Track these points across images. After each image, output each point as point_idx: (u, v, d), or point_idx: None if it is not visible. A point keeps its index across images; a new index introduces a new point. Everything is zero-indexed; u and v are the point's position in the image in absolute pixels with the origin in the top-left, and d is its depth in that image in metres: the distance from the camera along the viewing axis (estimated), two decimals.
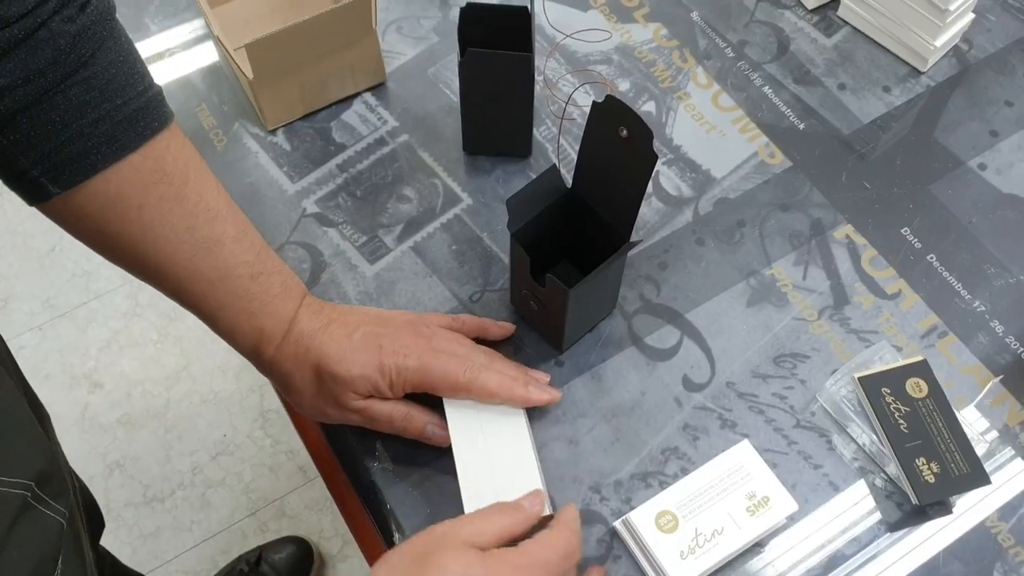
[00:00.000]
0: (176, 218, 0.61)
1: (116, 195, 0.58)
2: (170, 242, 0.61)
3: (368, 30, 0.82)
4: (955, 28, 0.88)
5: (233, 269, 0.64)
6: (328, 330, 0.66)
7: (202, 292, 0.64)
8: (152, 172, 0.59)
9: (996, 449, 0.71)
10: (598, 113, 0.64)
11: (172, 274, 0.63)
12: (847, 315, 0.76)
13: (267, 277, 0.65)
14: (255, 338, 0.66)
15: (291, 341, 0.66)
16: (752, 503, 0.65)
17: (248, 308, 0.65)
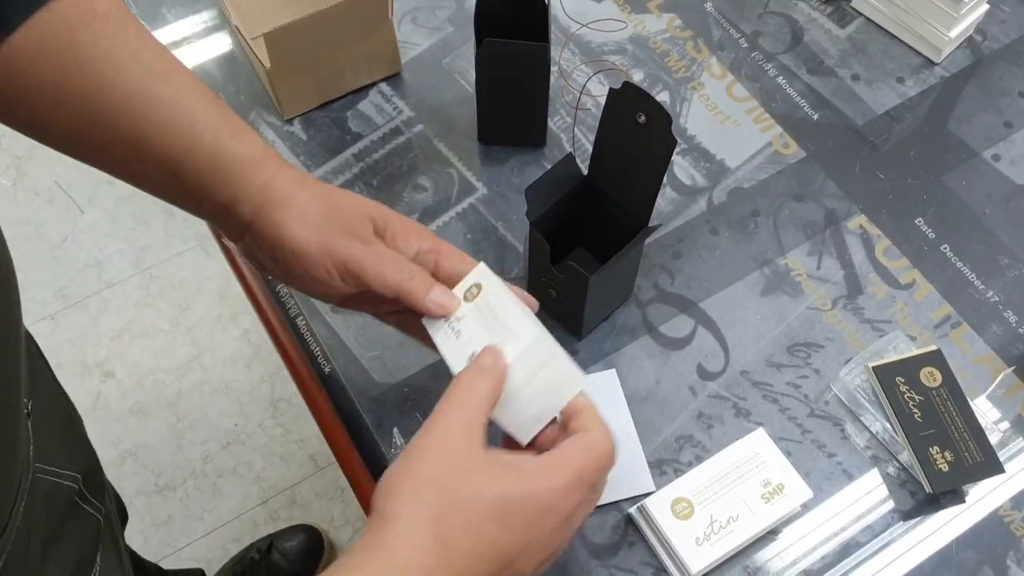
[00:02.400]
0: (120, 49, 0.55)
1: (47, 40, 0.53)
2: (118, 73, 0.55)
3: (384, 20, 0.82)
4: (969, 19, 0.88)
5: (198, 95, 0.57)
6: (312, 180, 0.60)
7: (166, 120, 0.56)
8: (85, 12, 0.54)
9: (1009, 438, 0.71)
10: (615, 100, 0.64)
11: (129, 109, 0.55)
12: (861, 305, 0.76)
13: (228, 108, 0.59)
14: (247, 163, 0.58)
15: (287, 169, 0.59)
16: (767, 491, 0.65)
17: (226, 131, 0.58)
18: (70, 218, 1.91)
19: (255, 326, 1.76)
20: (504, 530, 0.48)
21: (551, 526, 0.49)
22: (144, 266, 1.85)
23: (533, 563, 0.50)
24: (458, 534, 0.47)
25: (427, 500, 0.47)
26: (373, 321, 0.75)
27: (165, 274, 1.84)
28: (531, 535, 0.48)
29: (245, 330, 1.78)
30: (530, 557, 0.49)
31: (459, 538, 0.47)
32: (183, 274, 1.85)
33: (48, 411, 0.67)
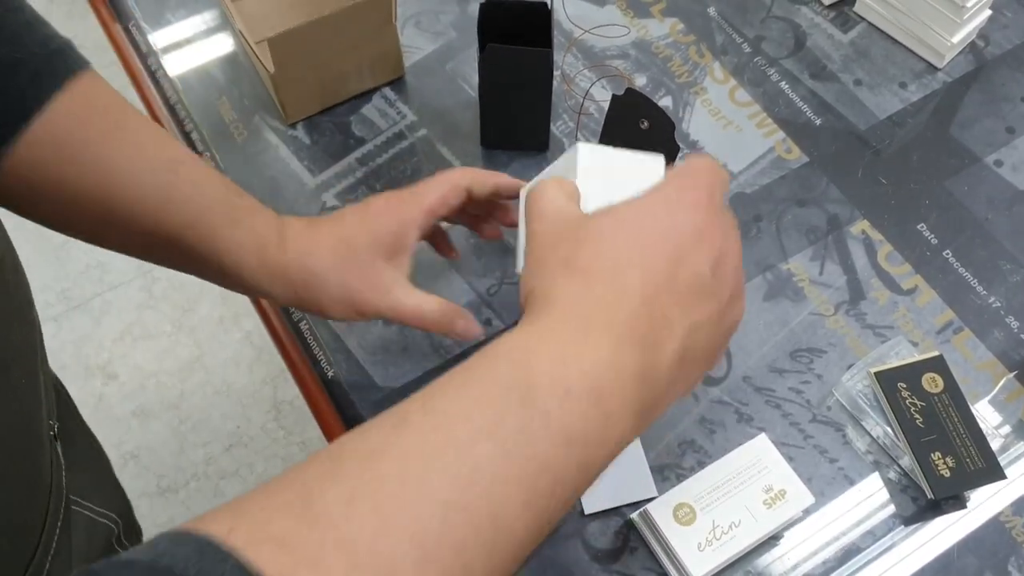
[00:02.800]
0: (128, 147, 0.58)
1: (61, 137, 0.56)
2: (130, 172, 0.58)
3: (387, 25, 0.82)
4: (972, 24, 0.88)
5: (205, 182, 0.61)
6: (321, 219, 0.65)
7: (182, 217, 0.59)
8: (86, 108, 0.57)
9: (1011, 444, 0.71)
10: (619, 105, 0.64)
11: (143, 209, 0.59)
12: (863, 310, 0.76)
13: (237, 187, 0.63)
14: (258, 246, 0.62)
15: (293, 236, 0.63)
16: (769, 496, 0.66)
17: (235, 218, 0.61)
18: None
19: (257, 328, 1.76)
20: (639, 236, 0.44)
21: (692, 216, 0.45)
22: (146, 268, 1.86)
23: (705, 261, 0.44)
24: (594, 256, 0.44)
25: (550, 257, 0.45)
26: (376, 325, 0.76)
27: (167, 276, 1.85)
28: (675, 233, 0.44)
29: (247, 332, 1.78)
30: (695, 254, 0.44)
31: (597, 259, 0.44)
32: (184, 277, 1.85)
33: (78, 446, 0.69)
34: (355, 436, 0.39)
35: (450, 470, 0.36)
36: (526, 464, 0.38)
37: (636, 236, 0.44)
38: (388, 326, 0.76)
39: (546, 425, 0.38)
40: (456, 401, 0.39)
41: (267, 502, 0.35)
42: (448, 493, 0.36)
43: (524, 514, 0.38)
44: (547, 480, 0.38)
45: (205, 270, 0.62)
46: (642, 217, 0.45)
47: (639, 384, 0.42)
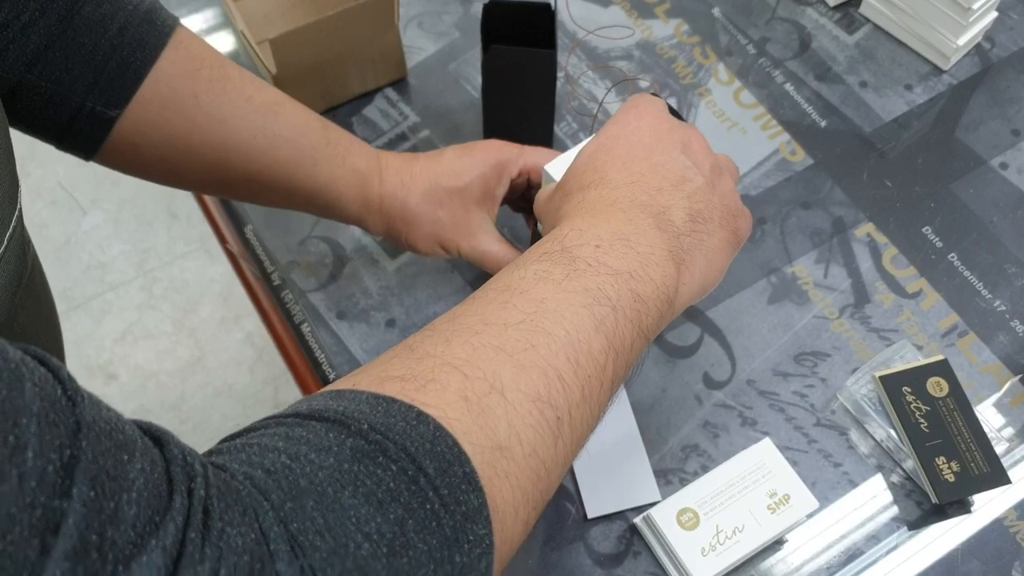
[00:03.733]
0: (232, 93, 0.61)
1: (170, 92, 0.59)
2: (238, 118, 0.62)
3: (390, 25, 0.82)
4: (978, 27, 0.87)
5: (304, 124, 0.64)
6: (421, 155, 0.68)
7: (288, 157, 0.64)
8: (189, 61, 0.60)
9: (1015, 448, 0.71)
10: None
11: (254, 152, 0.63)
12: (868, 313, 0.76)
13: (335, 125, 0.67)
14: (358, 182, 0.66)
15: (397, 164, 0.67)
16: (773, 501, 0.65)
17: (336, 153, 0.65)
18: (73, 220, 1.91)
19: (258, 329, 1.76)
20: (629, 145, 0.54)
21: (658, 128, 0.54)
22: (147, 268, 1.85)
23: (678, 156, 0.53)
24: (602, 172, 0.53)
25: (563, 193, 0.54)
26: (378, 328, 0.76)
27: (168, 276, 1.84)
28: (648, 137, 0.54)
29: (248, 333, 1.78)
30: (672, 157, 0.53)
31: (607, 170, 0.53)
32: (186, 276, 1.85)
33: None
34: (432, 321, 0.46)
35: (519, 305, 0.44)
36: (585, 294, 0.45)
37: (612, 149, 0.54)
38: (391, 329, 0.76)
39: (588, 266, 0.46)
40: (511, 271, 0.47)
41: (377, 363, 0.42)
42: (522, 316, 0.43)
43: (596, 336, 0.44)
44: (607, 308, 0.45)
45: (307, 205, 0.67)
46: (612, 136, 0.54)
47: (659, 232, 0.49)
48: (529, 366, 0.41)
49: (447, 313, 0.45)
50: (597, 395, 0.44)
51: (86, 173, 1.97)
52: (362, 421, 0.36)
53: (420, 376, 0.39)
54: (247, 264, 0.81)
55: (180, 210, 1.91)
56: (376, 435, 0.35)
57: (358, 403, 0.37)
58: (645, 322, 0.47)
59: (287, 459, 0.34)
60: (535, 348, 0.42)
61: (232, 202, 0.83)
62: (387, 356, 0.43)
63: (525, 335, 0.42)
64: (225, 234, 0.83)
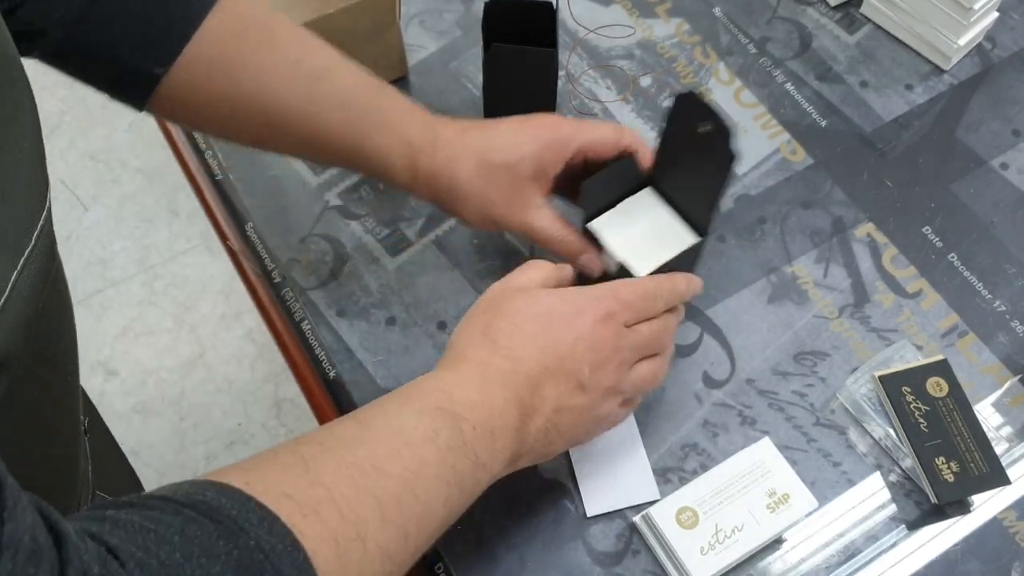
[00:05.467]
0: (279, 57, 0.61)
1: (216, 53, 0.59)
2: (285, 81, 0.61)
3: (391, 23, 0.82)
4: (979, 27, 0.87)
5: (355, 88, 0.64)
6: (476, 126, 0.67)
7: (338, 122, 0.63)
8: (237, 22, 0.60)
9: (1015, 448, 0.71)
10: (680, 107, 0.63)
11: (301, 116, 0.62)
12: (868, 313, 0.76)
13: (389, 90, 0.66)
14: (408, 153, 0.65)
15: (449, 135, 0.66)
16: (772, 500, 0.65)
17: (385, 121, 0.64)
18: (74, 216, 1.91)
19: (259, 325, 1.76)
20: (544, 328, 0.57)
21: (589, 327, 0.57)
22: (148, 264, 1.86)
23: (587, 363, 0.57)
24: (506, 333, 0.56)
25: (478, 320, 0.58)
26: (378, 326, 0.76)
27: (169, 272, 1.85)
28: (571, 333, 0.57)
29: (249, 329, 1.78)
30: (580, 355, 0.57)
31: (507, 336, 0.56)
32: (187, 272, 1.85)
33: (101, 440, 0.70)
34: (337, 426, 0.50)
35: (405, 458, 0.48)
36: (452, 472, 0.50)
37: (540, 326, 0.57)
38: (391, 327, 0.76)
39: (464, 445, 0.51)
40: (403, 415, 0.51)
41: (272, 466, 0.45)
42: (402, 470, 0.48)
43: (442, 510, 0.50)
44: (457, 490, 0.51)
45: (358, 169, 0.69)
46: (552, 312, 0.57)
47: (515, 436, 0.54)
48: (391, 521, 0.46)
49: (353, 424, 0.50)
50: (421, 550, 0.50)
51: (87, 170, 1.97)
52: (250, 534, 0.39)
53: (307, 503, 0.43)
54: (248, 261, 0.81)
55: (181, 207, 1.92)
56: (260, 555, 0.39)
57: (247, 511, 0.40)
58: (460, 504, 0.52)
59: (180, 557, 0.37)
60: (401, 505, 0.47)
61: (232, 200, 0.83)
62: (284, 460, 0.46)
63: (399, 490, 0.47)
64: (226, 231, 0.83)
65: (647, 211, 0.69)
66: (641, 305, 0.60)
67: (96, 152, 1.99)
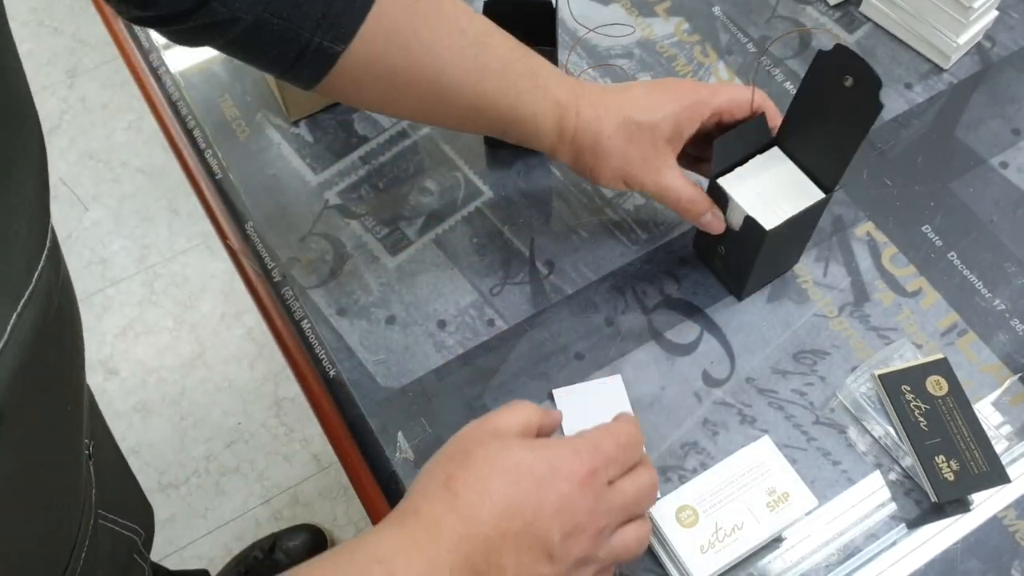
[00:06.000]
0: (447, 26, 0.63)
1: (391, 28, 0.61)
2: (453, 51, 0.63)
3: None
4: (978, 25, 0.87)
5: (510, 54, 0.65)
6: (615, 88, 0.68)
7: (496, 88, 0.65)
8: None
9: (1015, 447, 0.71)
10: (823, 63, 0.64)
11: (466, 85, 0.64)
12: (867, 312, 0.76)
13: (535, 54, 0.67)
14: (556, 113, 0.67)
15: (587, 104, 0.67)
16: (772, 498, 0.65)
17: (538, 85, 0.66)
18: (74, 215, 1.91)
19: (259, 324, 1.76)
20: (511, 486, 0.50)
21: (564, 489, 0.50)
22: (148, 264, 1.86)
23: (558, 529, 0.50)
24: (468, 487, 0.50)
25: (443, 467, 0.52)
26: (378, 325, 0.76)
27: (169, 272, 1.85)
28: (541, 494, 0.50)
29: (249, 328, 1.78)
30: (550, 520, 0.50)
31: (469, 491, 0.50)
32: (187, 272, 1.85)
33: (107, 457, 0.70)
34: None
35: None
36: None
37: (507, 483, 0.50)
38: (391, 326, 0.76)
39: None
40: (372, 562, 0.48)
41: None
42: None
43: None
44: None
45: (506, 133, 0.69)
46: (522, 467, 0.50)
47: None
48: None
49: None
50: None
51: (87, 170, 1.97)
52: None
53: None
54: (248, 260, 0.81)
55: (181, 206, 1.92)
56: None
57: None
58: None
59: None
60: None
61: (232, 199, 0.83)
62: None
63: None
64: (226, 230, 0.83)
65: (774, 168, 0.71)
66: (624, 456, 0.54)
67: (96, 152, 1.99)
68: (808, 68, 0.65)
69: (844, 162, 0.67)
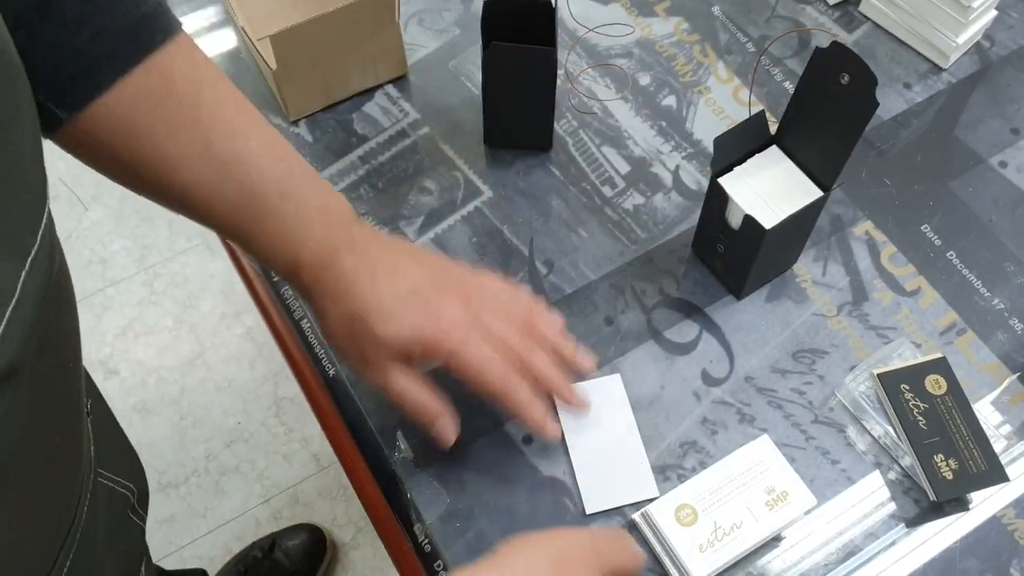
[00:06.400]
0: (190, 137, 0.57)
1: (123, 116, 0.55)
2: (187, 163, 0.57)
3: (391, 22, 0.82)
4: (977, 25, 0.87)
5: (259, 187, 0.59)
6: (374, 278, 0.60)
7: (230, 215, 0.60)
8: (159, 89, 0.56)
9: (1013, 446, 0.71)
10: (821, 60, 0.65)
11: (196, 197, 0.59)
12: (866, 311, 0.76)
13: (301, 198, 0.60)
14: (291, 266, 0.61)
15: (330, 277, 0.60)
16: (771, 498, 0.65)
17: (281, 231, 0.60)
18: (74, 215, 1.91)
19: (259, 324, 1.76)
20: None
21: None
22: (148, 263, 1.86)
23: None
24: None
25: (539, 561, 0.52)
26: None
27: (169, 272, 1.85)
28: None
29: (249, 328, 1.78)
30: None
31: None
32: (187, 272, 1.85)
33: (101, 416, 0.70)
34: None
35: None
36: None
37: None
38: None
39: None
40: None
41: None
42: None
43: None
44: None
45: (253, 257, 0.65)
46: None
47: None
48: None
49: None
50: None
51: (87, 169, 1.96)
52: None
53: None
54: (248, 260, 0.81)
55: None
56: None
57: None
58: None
59: None
60: None
61: None
62: None
63: None
64: None
65: (773, 167, 0.72)
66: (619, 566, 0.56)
67: None
68: (806, 66, 0.66)
69: (842, 160, 0.67)
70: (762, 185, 0.70)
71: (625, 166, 0.84)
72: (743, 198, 0.69)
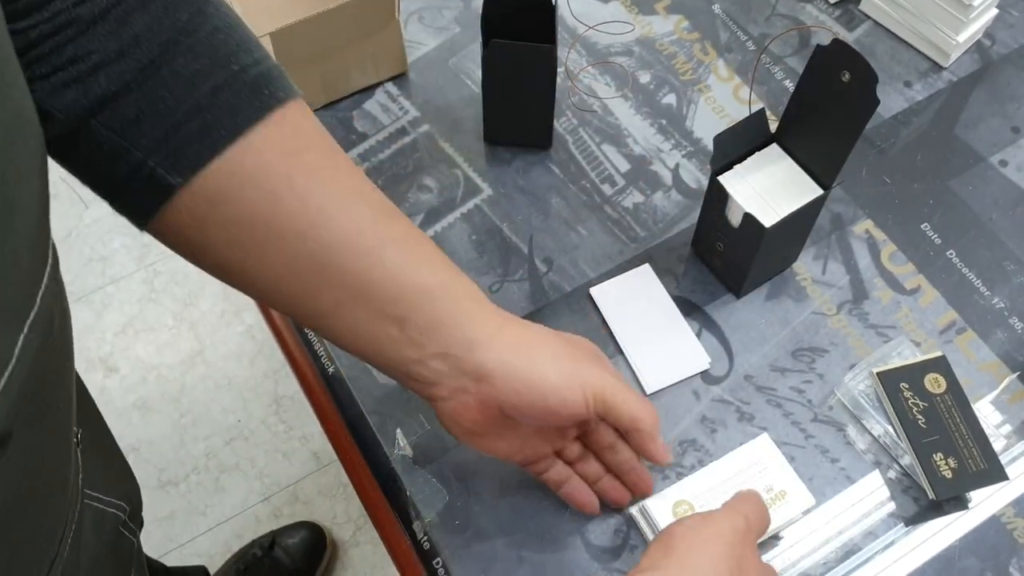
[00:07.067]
0: (339, 184, 0.51)
1: (255, 170, 0.49)
2: (341, 209, 0.51)
3: (390, 20, 0.82)
4: (978, 23, 0.87)
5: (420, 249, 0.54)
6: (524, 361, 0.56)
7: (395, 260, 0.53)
8: (293, 139, 0.50)
9: (1013, 445, 0.71)
10: (821, 58, 0.64)
11: (356, 249, 0.51)
12: (866, 310, 0.76)
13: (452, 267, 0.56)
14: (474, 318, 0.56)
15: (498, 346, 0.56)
16: (770, 496, 0.65)
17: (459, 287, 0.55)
18: (74, 213, 1.91)
19: (258, 322, 1.76)
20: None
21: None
22: (148, 261, 1.86)
23: None
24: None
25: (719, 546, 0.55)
26: None
27: (169, 269, 1.85)
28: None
29: (248, 326, 1.78)
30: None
31: None
32: (187, 269, 1.85)
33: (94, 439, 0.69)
34: None
35: None
36: None
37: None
38: None
39: None
40: None
41: None
42: None
43: None
44: None
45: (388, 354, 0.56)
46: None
47: None
48: None
49: None
50: None
51: None
52: None
53: None
54: None
55: None
56: None
57: None
58: None
59: None
60: None
61: None
62: None
63: None
64: None
65: (773, 165, 0.71)
66: (751, 528, 0.58)
67: None
68: (806, 64, 0.66)
69: (842, 158, 0.67)
70: (762, 183, 0.70)
71: (625, 164, 0.83)
72: (743, 196, 0.69)
